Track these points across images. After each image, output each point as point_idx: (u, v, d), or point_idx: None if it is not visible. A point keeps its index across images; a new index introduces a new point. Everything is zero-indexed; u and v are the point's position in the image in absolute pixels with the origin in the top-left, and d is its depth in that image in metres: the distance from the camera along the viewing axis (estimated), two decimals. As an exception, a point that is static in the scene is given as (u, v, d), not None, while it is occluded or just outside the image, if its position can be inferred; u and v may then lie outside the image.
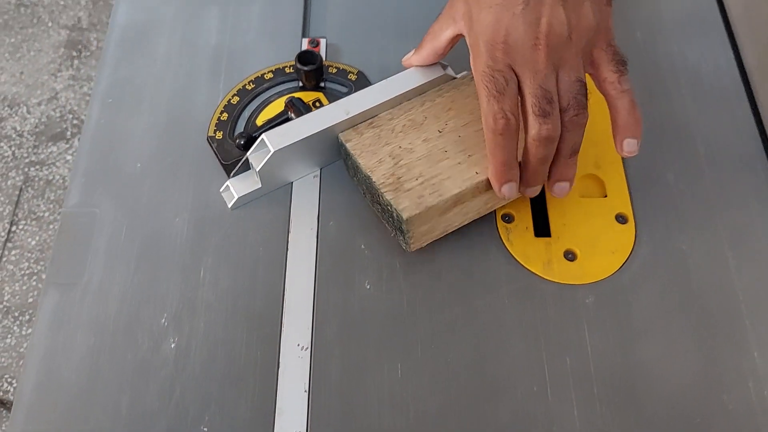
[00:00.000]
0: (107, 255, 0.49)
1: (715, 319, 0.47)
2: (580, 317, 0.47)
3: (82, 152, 0.53)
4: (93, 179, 0.52)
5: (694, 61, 0.59)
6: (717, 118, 0.56)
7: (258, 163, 0.48)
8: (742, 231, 0.51)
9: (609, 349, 0.46)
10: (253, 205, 0.51)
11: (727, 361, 0.46)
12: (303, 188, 0.52)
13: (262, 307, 0.47)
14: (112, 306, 0.47)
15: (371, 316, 0.47)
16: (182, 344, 0.46)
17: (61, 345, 0.46)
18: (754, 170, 0.54)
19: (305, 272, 0.48)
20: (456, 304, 0.47)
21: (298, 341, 0.46)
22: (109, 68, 0.57)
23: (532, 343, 0.46)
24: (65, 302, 0.47)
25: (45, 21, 1.69)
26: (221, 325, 0.46)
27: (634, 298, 0.48)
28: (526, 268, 0.49)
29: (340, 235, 0.50)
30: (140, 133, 0.54)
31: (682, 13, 0.62)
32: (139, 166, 0.52)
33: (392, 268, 0.48)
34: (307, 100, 0.55)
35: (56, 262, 0.49)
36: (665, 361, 0.46)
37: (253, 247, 0.49)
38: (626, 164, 0.53)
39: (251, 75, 0.56)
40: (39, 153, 1.50)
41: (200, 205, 0.51)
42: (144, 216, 0.50)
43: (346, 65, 0.57)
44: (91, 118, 0.55)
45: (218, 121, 0.54)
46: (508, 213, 0.51)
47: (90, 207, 0.51)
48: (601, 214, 0.51)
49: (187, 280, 0.48)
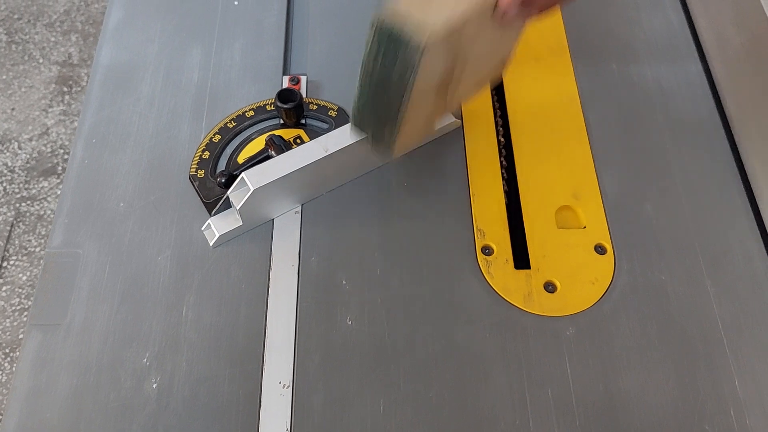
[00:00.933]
0: (90, 295, 0.49)
1: (696, 347, 0.48)
2: (561, 349, 0.47)
3: (66, 192, 0.53)
4: (76, 219, 0.52)
5: (670, 91, 0.60)
6: (693, 148, 0.57)
7: (238, 202, 0.48)
8: (720, 259, 0.51)
9: (590, 380, 0.46)
10: (235, 242, 0.51)
11: (708, 390, 0.46)
12: (284, 224, 0.52)
13: (244, 344, 0.47)
14: (94, 346, 0.47)
15: (353, 351, 0.47)
16: (164, 383, 0.46)
17: (44, 385, 0.46)
18: (731, 198, 0.54)
19: (287, 308, 0.48)
20: (437, 338, 0.48)
21: (279, 379, 0.46)
22: (93, 108, 0.58)
23: (514, 375, 0.46)
24: (48, 343, 0.47)
25: (36, 57, 1.70)
26: (203, 362, 0.46)
27: (614, 328, 0.48)
28: (507, 300, 0.49)
29: (322, 270, 0.50)
30: (124, 173, 0.54)
31: (656, 43, 0.63)
32: (122, 206, 0.53)
33: (374, 304, 0.49)
34: (288, 137, 0.55)
35: (39, 303, 0.49)
36: (647, 390, 0.46)
37: (235, 284, 0.49)
38: (604, 195, 0.54)
39: (233, 113, 0.57)
40: (30, 188, 1.50)
41: (183, 243, 0.51)
42: (127, 255, 0.51)
43: (327, 102, 0.58)
44: (74, 158, 0.55)
45: (200, 159, 0.54)
46: (487, 245, 0.51)
47: (73, 247, 0.51)
48: (580, 245, 0.52)
49: (170, 318, 0.48)
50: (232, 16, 0.64)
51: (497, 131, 0.58)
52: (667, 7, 0.66)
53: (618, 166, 0.56)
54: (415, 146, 0.54)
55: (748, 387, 0.46)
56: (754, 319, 0.49)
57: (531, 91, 0.60)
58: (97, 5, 1.81)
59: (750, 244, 0.52)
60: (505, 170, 0.56)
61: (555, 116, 0.58)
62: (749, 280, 0.50)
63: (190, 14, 0.64)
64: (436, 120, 0.53)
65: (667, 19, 0.65)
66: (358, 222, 0.52)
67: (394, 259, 0.50)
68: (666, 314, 0.49)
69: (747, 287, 0.50)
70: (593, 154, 0.56)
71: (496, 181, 0.54)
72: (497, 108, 0.60)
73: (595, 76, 0.61)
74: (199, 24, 0.63)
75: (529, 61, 0.62)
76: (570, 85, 0.60)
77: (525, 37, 0.63)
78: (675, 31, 0.64)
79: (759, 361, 0.47)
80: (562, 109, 0.58)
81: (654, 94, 0.60)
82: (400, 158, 0.55)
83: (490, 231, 0.52)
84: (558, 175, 0.55)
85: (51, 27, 1.76)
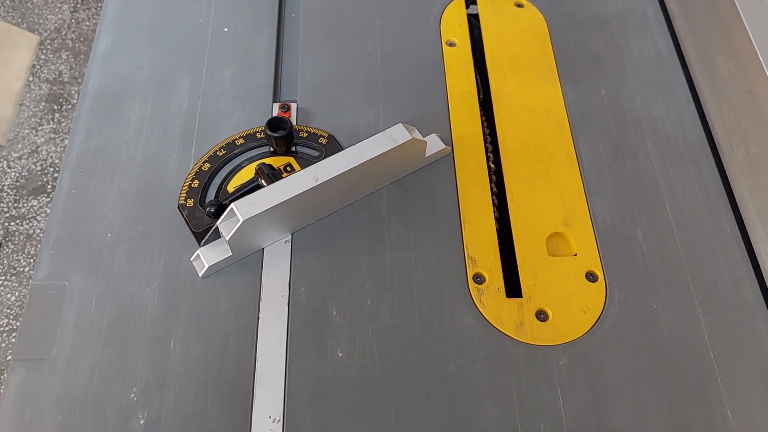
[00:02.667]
0: (76, 329, 0.48)
1: (688, 378, 0.48)
2: (553, 381, 0.47)
3: (52, 223, 0.53)
4: (63, 251, 0.51)
5: (658, 117, 0.60)
6: (682, 174, 0.57)
7: (228, 232, 0.48)
8: (711, 288, 0.51)
9: (583, 413, 0.46)
10: (225, 272, 0.51)
11: (701, 422, 0.46)
12: (274, 254, 0.52)
13: (233, 377, 0.46)
14: (80, 382, 0.46)
15: (344, 384, 0.46)
16: (152, 419, 0.45)
17: (28, 423, 0.45)
18: (720, 225, 0.54)
19: (277, 341, 0.48)
20: (429, 369, 0.47)
21: (269, 413, 0.45)
22: (81, 136, 0.58)
23: (506, 408, 0.46)
24: (32, 379, 0.46)
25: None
26: (191, 397, 0.46)
27: (606, 358, 0.48)
28: (499, 330, 0.49)
29: (312, 301, 0.50)
30: (111, 202, 0.54)
31: (645, 69, 0.64)
32: (109, 236, 0.52)
33: (365, 335, 0.48)
34: (278, 165, 0.55)
35: (23, 337, 0.48)
36: (639, 422, 0.46)
37: (224, 316, 0.49)
38: (594, 222, 0.54)
39: (222, 141, 0.57)
40: (20, 207, 1.49)
41: (171, 274, 0.51)
42: (114, 287, 0.50)
43: (317, 129, 0.58)
44: (62, 188, 0.55)
45: (189, 188, 0.54)
46: (479, 273, 0.51)
47: (60, 279, 0.50)
48: (572, 272, 0.51)
49: (157, 352, 0.47)
50: (222, 42, 0.64)
51: (487, 157, 0.58)
52: (655, 34, 0.66)
53: (608, 193, 0.56)
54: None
55: (741, 418, 0.46)
56: (745, 348, 0.49)
57: (521, 118, 0.60)
58: (88, 23, 1.81)
59: (740, 271, 0.52)
60: (496, 197, 0.56)
61: (545, 143, 0.58)
62: (740, 309, 0.50)
63: (179, 41, 0.64)
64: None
65: (656, 45, 0.65)
66: (348, 251, 0.52)
67: (385, 289, 0.50)
68: (657, 344, 0.49)
69: (738, 316, 0.50)
70: (583, 180, 0.56)
71: (486, 209, 0.54)
72: (487, 134, 0.60)
73: (584, 103, 0.61)
74: (188, 51, 0.63)
75: (520, 87, 0.62)
76: (560, 111, 0.60)
77: (515, 64, 0.63)
78: (663, 57, 0.65)
79: (750, 391, 0.47)
80: (552, 136, 0.59)
81: (643, 120, 0.60)
82: (390, 185, 0.55)
83: (482, 259, 0.51)
84: (549, 201, 0.55)
85: (41, 44, 1.76)
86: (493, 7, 0.68)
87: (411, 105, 0.60)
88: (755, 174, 0.53)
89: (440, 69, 0.63)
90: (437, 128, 0.58)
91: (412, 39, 0.65)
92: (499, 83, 0.62)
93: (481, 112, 0.60)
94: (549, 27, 0.66)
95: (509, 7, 0.68)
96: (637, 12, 0.68)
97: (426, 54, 0.64)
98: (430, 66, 0.63)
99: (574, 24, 0.67)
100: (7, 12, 1.82)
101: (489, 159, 0.58)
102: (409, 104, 0.60)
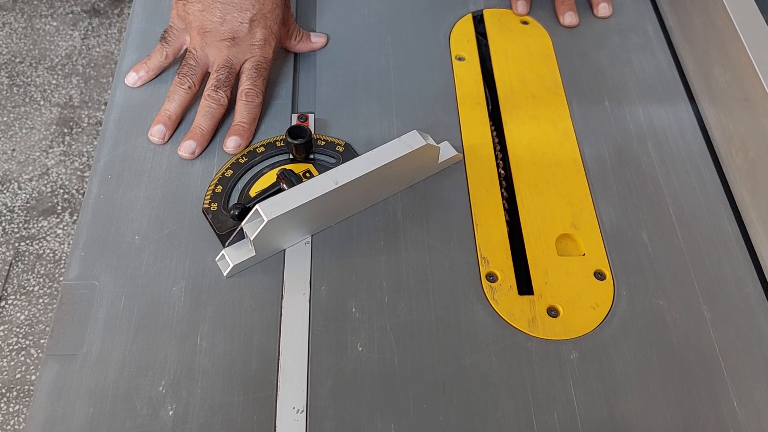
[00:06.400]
0: (106, 325, 0.50)
1: (695, 370, 0.49)
2: (565, 373, 0.49)
3: (82, 226, 0.55)
4: (92, 252, 0.54)
5: (660, 127, 0.63)
6: (684, 179, 0.60)
7: (252, 232, 0.50)
8: (715, 285, 0.53)
9: (594, 403, 0.48)
10: (248, 272, 0.53)
11: (708, 413, 0.48)
12: (295, 255, 0.54)
13: (257, 371, 0.48)
14: (110, 375, 0.48)
15: (364, 377, 0.48)
16: (180, 410, 0.47)
17: (60, 415, 0.47)
18: (722, 227, 0.57)
19: (299, 336, 0.50)
20: (446, 363, 0.49)
21: (293, 404, 0.47)
22: (108, 146, 0.60)
23: (521, 399, 0.48)
24: (65, 373, 0.48)
25: (37, 99, 1.74)
26: (218, 390, 0.47)
27: (616, 352, 0.50)
28: (512, 325, 0.51)
29: (332, 299, 0.52)
30: (138, 207, 0.56)
31: (647, 82, 0.67)
32: (137, 239, 0.54)
33: (383, 330, 0.50)
34: (298, 171, 0.57)
35: (56, 334, 0.50)
36: (649, 413, 0.47)
37: (248, 312, 0.51)
38: (602, 224, 0.56)
39: (244, 149, 0.59)
40: (30, 228, 1.52)
41: (197, 274, 0.53)
42: (142, 286, 0.52)
43: (334, 138, 0.61)
44: (90, 193, 0.57)
45: (213, 193, 0.56)
46: (492, 273, 0.53)
47: (89, 279, 0.52)
48: (581, 271, 0.54)
49: (184, 347, 0.49)
50: (242, 57, 0.67)
51: (497, 164, 0.60)
52: (656, 50, 0.70)
53: (614, 197, 0.58)
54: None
55: (747, 409, 0.48)
56: (749, 342, 0.51)
57: (529, 127, 0.62)
58: (98, 49, 1.85)
59: (742, 270, 0.54)
60: (506, 201, 0.58)
61: (552, 151, 0.61)
62: (743, 306, 0.53)
63: (200, 56, 0.67)
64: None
65: (657, 60, 0.69)
66: (366, 252, 0.54)
67: (402, 287, 0.52)
68: (665, 339, 0.51)
69: (741, 312, 0.52)
70: (590, 185, 0.59)
71: (498, 212, 0.56)
72: (497, 143, 0.63)
73: (589, 113, 0.64)
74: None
75: (527, 98, 0.65)
76: (565, 121, 0.63)
77: (522, 77, 0.66)
78: (664, 70, 0.68)
79: (756, 383, 0.49)
80: (559, 144, 0.61)
81: (645, 129, 0.63)
82: (405, 191, 0.58)
83: (494, 259, 0.54)
84: (557, 205, 0.57)
85: (52, 70, 1.80)
86: (499, 24, 0.71)
87: (423, 115, 0.63)
88: (754, 177, 0.56)
89: (450, 82, 0.66)
90: (449, 137, 0.61)
91: (424, 54, 0.68)
92: (507, 95, 0.65)
93: (491, 122, 0.63)
94: (553, 43, 0.69)
95: (515, 24, 0.71)
96: (638, 28, 0.71)
97: (437, 68, 0.67)
98: (440, 79, 0.66)
99: (578, 40, 0.70)
100: (19, 39, 1.87)
101: (499, 165, 0.60)
102: (421, 115, 0.63)
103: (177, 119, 0.61)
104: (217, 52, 0.61)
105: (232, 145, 0.59)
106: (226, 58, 0.61)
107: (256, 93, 0.61)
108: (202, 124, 0.60)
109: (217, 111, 0.60)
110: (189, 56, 0.62)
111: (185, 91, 0.61)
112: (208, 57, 0.62)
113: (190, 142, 0.59)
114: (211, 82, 0.61)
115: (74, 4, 1.96)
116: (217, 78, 0.60)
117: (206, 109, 0.60)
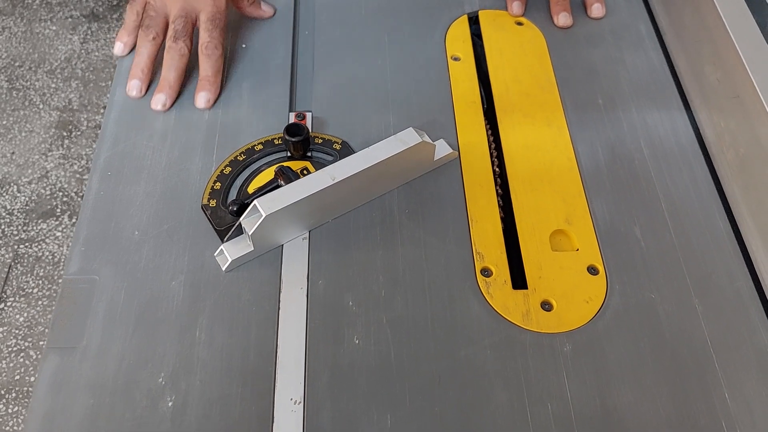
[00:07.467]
0: (106, 319, 0.51)
1: (687, 363, 0.50)
2: (559, 365, 0.50)
3: (82, 222, 0.56)
4: (93, 247, 0.54)
5: (652, 124, 0.64)
6: (677, 175, 0.60)
7: (250, 228, 0.51)
8: (707, 279, 0.54)
9: (588, 395, 0.48)
10: (246, 267, 0.54)
11: (700, 405, 0.48)
12: (293, 250, 0.55)
13: (255, 363, 0.49)
14: (110, 368, 0.49)
15: (360, 369, 0.49)
16: (179, 402, 0.47)
17: (61, 407, 0.47)
18: (714, 222, 0.58)
19: (297, 329, 0.51)
20: (441, 356, 0.50)
21: (291, 395, 0.48)
22: (108, 143, 0.61)
23: (515, 391, 0.48)
24: (65, 365, 0.49)
25: (36, 103, 1.74)
26: (217, 382, 0.48)
27: (609, 345, 0.51)
28: (506, 319, 0.51)
29: (329, 293, 0.52)
30: (138, 203, 0.57)
31: (639, 80, 0.68)
32: (137, 234, 0.55)
33: (379, 324, 0.51)
34: (296, 169, 0.58)
35: (56, 327, 0.50)
36: (641, 405, 0.48)
37: (246, 306, 0.52)
38: (595, 220, 0.57)
39: (242, 147, 0.60)
40: (29, 230, 1.52)
41: (195, 269, 0.53)
42: (142, 280, 0.53)
43: (331, 136, 0.61)
44: (90, 190, 0.58)
45: (212, 190, 0.57)
46: (486, 267, 0.54)
47: (90, 274, 0.53)
48: (574, 266, 0.54)
49: (183, 340, 0.50)
50: (240, 58, 0.68)
51: (492, 162, 0.61)
52: (648, 49, 0.71)
53: (607, 194, 0.59)
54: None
55: (738, 402, 0.49)
56: (740, 336, 0.52)
57: (523, 126, 0.63)
58: (97, 53, 1.86)
59: (733, 264, 0.55)
60: (501, 198, 0.59)
61: (546, 148, 0.62)
62: (734, 299, 0.53)
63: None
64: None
65: (649, 59, 0.70)
66: (362, 247, 0.55)
67: (398, 282, 0.53)
68: (657, 332, 0.51)
69: (732, 305, 0.53)
70: (583, 182, 0.59)
71: (492, 208, 0.57)
72: (492, 141, 0.63)
73: (583, 112, 0.65)
74: (208, 65, 0.67)
75: (521, 97, 0.65)
76: (559, 119, 0.64)
77: (517, 76, 0.67)
78: (656, 69, 0.69)
79: (747, 375, 0.50)
80: (553, 142, 0.62)
81: (638, 127, 0.64)
82: (401, 187, 0.58)
83: (489, 254, 0.54)
84: (551, 202, 0.58)
85: (52, 74, 1.81)
86: (494, 25, 0.72)
87: (419, 114, 0.64)
88: (745, 173, 0.57)
89: (446, 81, 0.67)
90: (445, 135, 0.62)
91: (419, 54, 0.69)
92: (502, 94, 0.66)
93: (486, 120, 0.64)
94: (548, 43, 0.71)
95: (510, 24, 0.72)
96: (630, 28, 0.72)
97: (432, 67, 0.68)
98: (436, 78, 0.67)
99: (572, 40, 0.71)
100: (19, 42, 1.88)
101: (494, 163, 0.61)
102: (417, 113, 0.64)
103: (150, 71, 0.64)
104: (172, 2, 0.65)
105: (202, 101, 0.63)
106: (181, 7, 0.64)
107: (215, 45, 0.63)
108: (168, 77, 0.63)
109: (179, 62, 0.63)
110: (148, 7, 0.65)
111: (151, 42, 0.64)
112: (166, 6, 0.65)
113: (159, 95, 0.63)
114: (170, 33, 0.64)
115: (73, 8, 1.97)
116: (174, 29, 0.63)
117: (170, 62, 0.63)
